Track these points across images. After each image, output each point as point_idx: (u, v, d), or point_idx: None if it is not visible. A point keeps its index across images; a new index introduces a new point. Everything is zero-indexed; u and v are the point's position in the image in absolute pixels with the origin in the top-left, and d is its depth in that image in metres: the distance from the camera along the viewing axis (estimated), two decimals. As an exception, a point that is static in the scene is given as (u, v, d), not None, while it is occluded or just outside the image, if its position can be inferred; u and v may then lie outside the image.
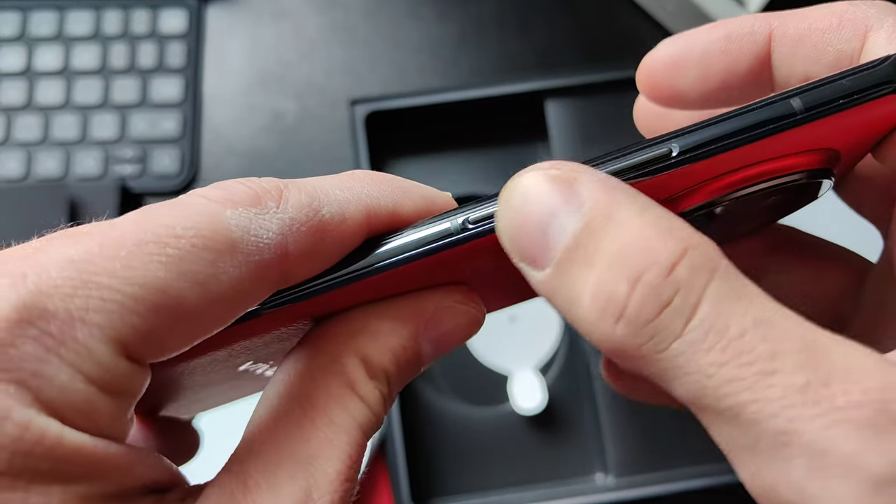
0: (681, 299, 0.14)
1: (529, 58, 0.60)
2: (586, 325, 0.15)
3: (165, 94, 0.59)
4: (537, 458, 0.49)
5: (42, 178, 0.57)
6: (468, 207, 0.17)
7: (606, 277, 0.15)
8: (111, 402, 0.14)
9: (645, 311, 0.14)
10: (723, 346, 0.14)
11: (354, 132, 0.51)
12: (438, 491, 0.48)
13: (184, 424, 0.25)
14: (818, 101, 0.16)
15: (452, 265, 0.18)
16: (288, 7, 0.62)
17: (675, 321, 0.14)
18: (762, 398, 0.13)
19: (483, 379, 0.50)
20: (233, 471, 0.16)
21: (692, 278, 0.14)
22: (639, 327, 0.14)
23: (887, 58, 0.16)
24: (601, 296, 0.15)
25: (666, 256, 0.14)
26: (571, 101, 0.52)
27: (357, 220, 0.17)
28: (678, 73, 0.20)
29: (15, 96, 0.58)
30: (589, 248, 0.15)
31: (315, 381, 0.17)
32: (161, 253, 0.14)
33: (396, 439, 0.46)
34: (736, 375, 0.14)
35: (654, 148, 0.16)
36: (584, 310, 0.15)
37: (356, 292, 0.18)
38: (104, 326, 0.14)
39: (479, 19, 0.62)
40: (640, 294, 0.14)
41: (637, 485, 0.46)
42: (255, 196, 0.16)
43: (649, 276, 0.14)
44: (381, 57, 0.61)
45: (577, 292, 0.15)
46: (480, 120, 0.55)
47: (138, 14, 0.60)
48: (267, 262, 0.16)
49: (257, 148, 0.58)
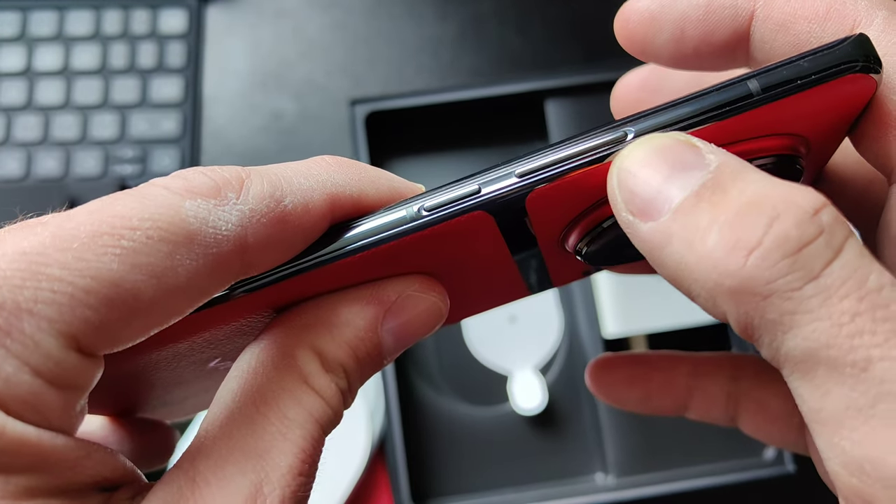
0: (823, 242, 0.13)
1: (529, 58, 0.60)
2: (709, 262, 0.14)
3: (165, 94, 0.59)
4: (537, 458, 0.49)
5: (42, 178, 0.57)
6: (425, 195, 0.17)
7: (740, 216, 0.14)
8: (59, 394, 0.14)
9: (786, 244, 0.13)
10: (860, 296, 0.13)
11: (354, 132, 0.51)
12: (438, 491, 0.48)
13: (158, 426, 0.24)
14: (775, 82, 0.16)
15: (413, 255, 0.18)
16: (288, 7, 0.62)
17: (816, 261, 0.13)
18: (893, 357, 0.13)
19: (483, 379, 0.50)
20: (182, 468, 0.16)
21: (834, 226, 0.14)
22: (775, 261, 0.13)
23: (847, 38, 0.16)
24: (733, 231, 0.14)
25: (808, 202, 0.14)
26: (571, 101, 0.52)
27: (320, 210, 0.17)
28: (653, 29, 0.20)
29: (15, 96, 0.58)
30: (717, 195, 0.14)
31: (268, 376, 0.17)
32: (115, 245, 0.14)
33: (396, 439, 0.46)
34: (869, 328, 0.13)
35: (609, 132, 0.16)
36: (710, 246, 0.14)
37: (315, 281, 0.17)
38: (53, 319, 0.14)
39: (478, 19, 0.62)
40: (782, 227, 0.13)
41: (637, 485, 0.46)
42: (215, 187, 0.16)
43: (791, 214, 0.14)
44: (380, 57, 0.61)
45: (700, 233, 0.14)
46: (480, 120, 0.55)
47: (138, 14, 0.60)
48: (226, 253, 0.15)
49: (257, 148, 0.58)
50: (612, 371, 0.27)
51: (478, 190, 0.17)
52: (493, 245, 0.19)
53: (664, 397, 0.26)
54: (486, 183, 0.17)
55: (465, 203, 0.17)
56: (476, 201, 0.17)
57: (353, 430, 0.48)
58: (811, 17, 0.17)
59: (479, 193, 0.17)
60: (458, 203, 0.17)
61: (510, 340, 0.51)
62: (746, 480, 0.45)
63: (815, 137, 0.18)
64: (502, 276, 0.22)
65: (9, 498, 0.13)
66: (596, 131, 0.16)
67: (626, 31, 0.20)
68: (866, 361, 0.13)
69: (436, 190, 0.17)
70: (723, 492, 0.45)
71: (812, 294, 0.13)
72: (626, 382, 0.27)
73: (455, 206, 0.17)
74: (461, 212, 0.17)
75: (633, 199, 0.15)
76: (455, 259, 0.19)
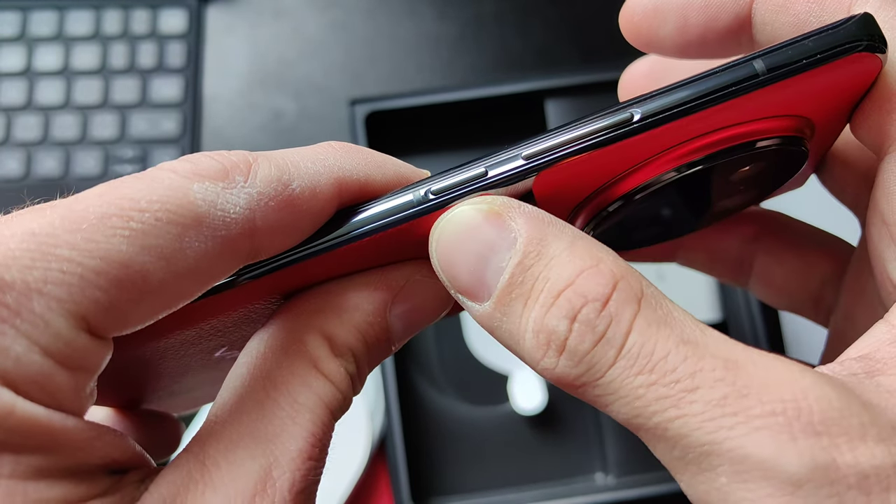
0: (613, 331, 0.15)
1: (529, 57, 0.60)
2: (531, 361, 0.16)
3: (165, 94, 0.59)
4: (537, 458, 0.49)
5: (42, 178, 0.57)
6: (432, 178, 0.17)
7: (546, 315, 0.15)
8: (69, 375, 0.14)
9: (583, 345, 0.15)
10: (650, 368, 0.15)
11: (354, 132, 0.51)
12: (438, 491, 0.48)
13: (165, 418, 0.24)
14: (781, 62, 0.16)
15: (421, 240, 0.18)
16: (288, 7, 0.62)
17: (609, 351, 0.15)
18: (686, 413, 0.14)
19: (483, 379, 0.50)
20: (192, 451, 0.16)
21: (623, 309, 0.15)
22: (578, 359, 0.15)
23: (851, 17, 0.16)
24: (542, 333, 0.16)
25: (599, 292, 0.15)
26: (571, 101, 0.52)
27: (327, 194, 0.17)
28: (657, 21, 0.20)
29: (15, 96, 0.58)
30: (526, 285, 0.16)
31: (278, 361, 0.17)
32: (124, 227, 0.14)
33: (396, 439, 0.46)
34: (663, 394, 0.14)
35: (616, 114, 0.16)
36: (528, 347, 0.16)
37: (323, 266, 0.17)
38: (63, 299, 0.14)
39: (478, 19, 0.62)
40: (579, 330, 0.15)
41: (637, 485, 0.46)
42: (222, 170, 0.16)
43: (586, 313, 0.15)
44: (380, 57, 0.61)
45: (520, 329, 0.16)
46: (480, 120, 0.55)
47: (138, 14, 0.60)
48: (234, 236, 0.15)
49: (257, 147, 0.58)
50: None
51: (484, 173, 0.17)
52: None
53: None
54: (492, 166, 0.17)
55: (471, 186, 0.17)
56: (482, 184, 0.17)
57: (353, 430, 0.48)
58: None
59: (486, 176, 0.17)
60: (465, 186, 0.17)
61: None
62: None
63: (820, 119, 0.18)
64: None
65: (18, 477, 0.13)
66: (601, 113, 0.16)
67: (631, 26, 0.21)
68: (667, 423, 0.14)
69: (442, 173, 0.17)
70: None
71: (613, 378, 0.15)
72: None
73: (462, 189, 0.17)
74: (467, 195, 0.17)
75: (455, 283, 0.17)
76: None
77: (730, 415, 0.14)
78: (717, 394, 0.14)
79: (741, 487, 0.14)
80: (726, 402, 0.14)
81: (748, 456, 0.14)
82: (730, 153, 0.17)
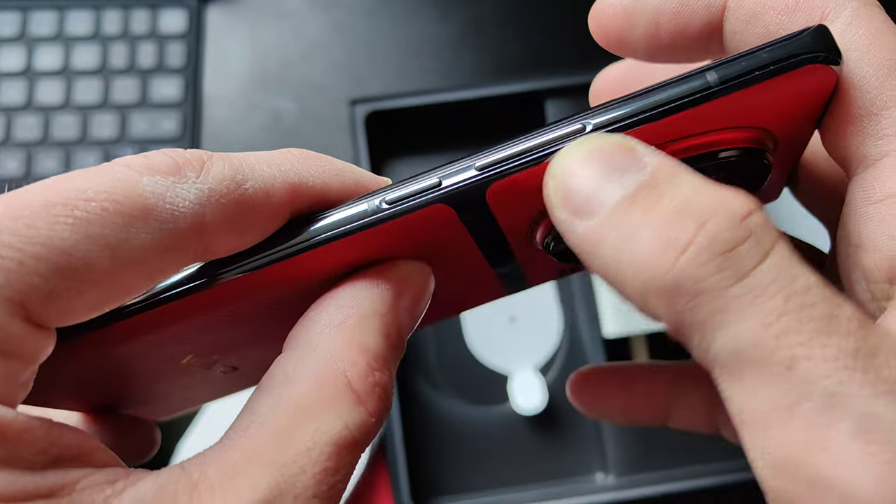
0: (751, 243, 0.14)
1: (529, 58, 0.60)
2: (640, 262, 0.14)
3: (165, 94, 0.59)
4: (537, 458, 0.49)
5: (42, 178, 0.57)
6: (387, 188, 0.17)
7: (672, 217, 0.14)
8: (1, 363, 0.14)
9: (715, 245, 0.14)
10: (787, 296, 0.13)
11: (354, 132, 0.51)
12: (438, 491, 0.48)
13: (139, 422, 0.24)
14: (734, 73, 0.16)
15: (381, 248, 0.18)
16: (288, 7, 0.62)
17: (744, 261, 0.14)
18: (817, 356, 0.13)
19: (483, 379, 0.50)
20: (187, 469, 0.15)
21: (763, 230, 0.14)
22: (704, 261, 0.14)
23: (807, 29, 0.16)
24: (665, 231, 0.14)
25: (738, 206, 0.14)
26: (571, 101, 0.52)
27: (280, 197, 0.17)
28: (628, 24, 0.20)
29: (15, 96, 0.58)
30: (651, 198, 0.15)
31: (307, 384, 0.16)
32: (68, 215, 0.14)
33: (396, 439, 0.46)
34: (795, 328, 0.13)
35: (568, 125, 0.16)
36: (642, 246, 0.14)
37: (274, 276, 0.17)
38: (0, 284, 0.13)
39: (478, 19, 0.62)
40: (712, 229, 0.14)
41: (637, 485, 0.46)
42: (174, 165, 0.16)
43: (722, 217, 0.14)
44: (381, 57, 0.61)
45: (633, 233, 0.14)
46: (480, 120, 0.55)
47: (138, 14, 0.60)
48: (182, 230, 0.15)
49: (257, 148, 0.58)
50: (592, 384, 0.27)
51: (438, 183, 0.17)
52: (461, 240, 0.19)
53: (645, 408, 0.26)
54: (446, 176, 0.17)
55: (425, 196, 0.17)
56: (436, 194, 0.17)
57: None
58: (781, 9, 0.17)
59: (440, 186, 0.17)
60: (418, 196, 0.17)
61: (510, 340, 0.51)
62: (748, 480, 0.45)
63: (781, 131, 0.18)
64: (476, 274, 0.21)
65: None
66: (556, 124, 0.16)
67: (600, 28, 0.20)
68: (792, 360, 0.13)
69: (398, 183, 0.17)
70: (724, 492, 0.45)
71: (740, 293, 0.14)
72: (606, 395, 0.27)
73: (415, 199, 0.17)
74: (421, 205, 0.17)
75: (569, 197, 0.15)
76: (426, 255, 0.19)
77: (861, 370, 0.13)
78: (852, 345, 0.13)
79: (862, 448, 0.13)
80: (859, 356, 0.13)
81: (877, 416, 0.13)
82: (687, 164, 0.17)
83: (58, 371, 0.17)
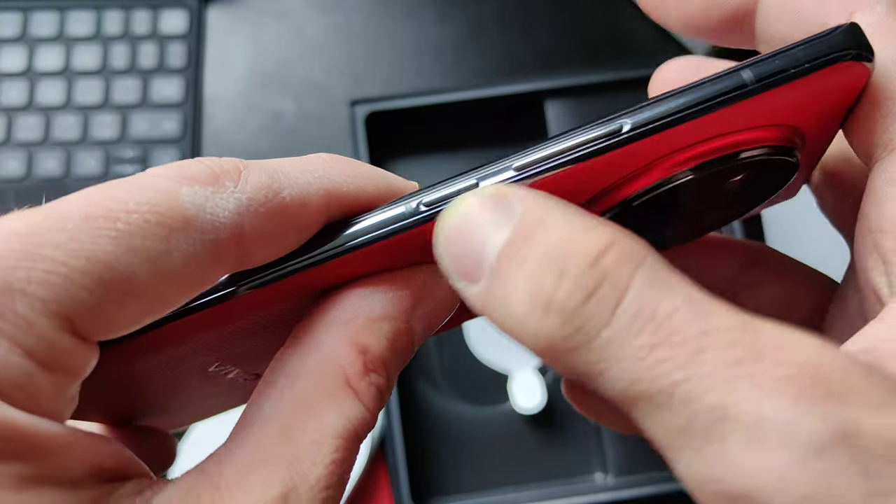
0: (608, 286, 0.14)
1: (529, 58, 0.60)
2: (518, 322, 0.15)
3: (166, 95, 0.59)
4: (537, 458, 0.49)
5: (43, 178, 0.57)
6: (424, 191, 0.17)
7: (536, 273, 0.14)
8: (51, 377, 0.14)
9: (572, 298, 0.14)
10: (652, 329, 0.13)
11: (354, 132, 0.51)
12: (438, 491, 0.48)
13: (158, 434, 0.24)
14: (769, 72, 0.16)
15: (414, 252, 0.17)
16: (288, 8, 0.62)
17: (603, 308, 0.14)
18: (695, 375, 0.13)
19: (483, 379, 0.50)
20: (207, 472, 0.15)
21: (618, 267, 0.14)
22: (567, 317, 0.14)
23: (839, 27, 0.16)
24: (530, 289, 0.14)
25: (591, 248, 0.14)
26: (571, 102, 0.52)
27: (317, 204, 0.17)
28: None
29: (16, 96, 0.58)
30: (521, 253, 0.15)
31: (309, 380, 0.16)
32: (111, 227, 0.14)
33: (396, 439, 0.46)
34: (668, 355, 0.13)
35: (605, 125, 0.16)
36: (515, 306, 0.15)
37: (313, 280, 0.17)
38: (47, 299, 0.13)
39: (478, 20, 0.62)
40: (567, 283, 0.14)
41: (637, 484, 0.46)
42: (212, 175, 0.15)
43: (574, 266, 0.14)
44: (381, 57, 0.61)
45: (510, 294, 0.15)
46: (480, 120, 0.55)
47: (139, 14, 0.60)
48: (222, 241, 0.15)
49: (258, 148, 0.58)
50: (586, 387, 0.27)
51: (476, 184, 0.17)
52: None
53: None
54: (483, 177, 0.17)
55: None
56: None
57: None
58: None
59: (478, 188, 0.17)
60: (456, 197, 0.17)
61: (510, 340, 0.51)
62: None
63: (810, 130, 0.18)
64: None
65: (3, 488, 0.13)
66: (593, 124, 0.16)
67: None
68: (673, 386, 0.13)
69: (435, 185, 0.17)
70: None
71: (609, 339, 0.14)
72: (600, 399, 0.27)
73: None
74: None
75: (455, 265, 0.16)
76: None
77: (745, 377, 0.13)
78: (731, 356, 0.13)
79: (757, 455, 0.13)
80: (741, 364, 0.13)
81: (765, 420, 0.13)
82: (721, 163, 0.17)
83: (90, 382, 0.17)
